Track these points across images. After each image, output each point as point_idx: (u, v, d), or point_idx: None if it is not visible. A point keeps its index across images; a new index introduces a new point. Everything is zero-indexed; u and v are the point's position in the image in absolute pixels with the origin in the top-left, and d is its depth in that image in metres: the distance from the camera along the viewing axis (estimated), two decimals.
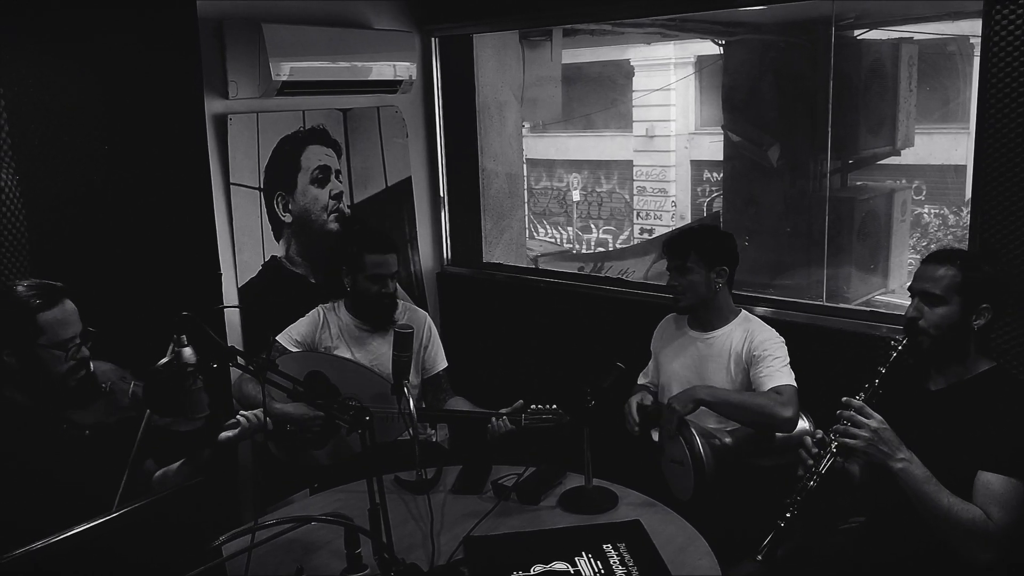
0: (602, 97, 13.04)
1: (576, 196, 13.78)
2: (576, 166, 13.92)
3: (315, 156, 3.55)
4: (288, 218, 3.49)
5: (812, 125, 5.28)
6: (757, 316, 2.83)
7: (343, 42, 3.44)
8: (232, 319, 3.33)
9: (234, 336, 3.32)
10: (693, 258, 2.70)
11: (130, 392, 2.12)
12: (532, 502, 2.36)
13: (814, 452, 2.04)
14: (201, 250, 3.03)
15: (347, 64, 3.44)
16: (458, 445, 3.40)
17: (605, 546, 2.08)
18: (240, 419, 2.26)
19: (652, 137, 13.15)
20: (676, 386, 2.74)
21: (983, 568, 1.90)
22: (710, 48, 8.07)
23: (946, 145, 9.37)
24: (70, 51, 2.63)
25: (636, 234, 13.10)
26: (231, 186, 3.28)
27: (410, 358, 2.37)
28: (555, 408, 2.53)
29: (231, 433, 2.24)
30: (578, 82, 11.39)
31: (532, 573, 1.99)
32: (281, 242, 3.48)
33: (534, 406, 2.54)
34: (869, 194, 5.63)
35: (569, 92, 7.00)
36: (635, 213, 13.57)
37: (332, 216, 3.63)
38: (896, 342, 2.09)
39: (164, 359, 1.90)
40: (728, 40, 5.69)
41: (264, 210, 3.41)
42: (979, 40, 2.43)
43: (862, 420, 1.96)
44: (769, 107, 5.40)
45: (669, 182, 13.22)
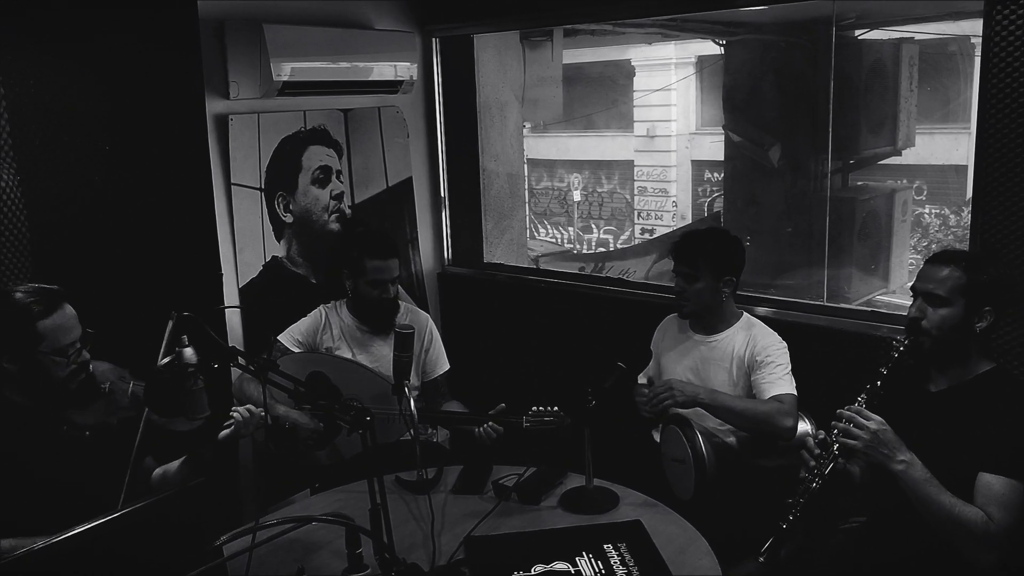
0: (603, 97, 13.03)
1: (577, 196, 13.77)
2: (577, 166, 13.91)
3: (316, 156, 3.55)
4: (289, 218, 3.49)
5: (813, 125, 5.27)
6: (758, 317, 2.83)
7: (344, 42, 3.44)
8: (233, 319, 3.33)
9: (235, 336, 3.33)
10: (702, 268, 2.68)
11: (130, 392, 2.11)
12: (533, 502, 2.36)
13: (816, 453, 2.04)
14: (202, 250, 3.03)
15: (348, 64, 3.44)
16: (459, 445, 3.39)
17: (606, 546, 2.08)
18: (235, 415, 2.26)
19: (653, 137, 13.14)
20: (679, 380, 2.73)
21: (984, 569, 1.90)
22: (711, 48, 8.07)
23: (947, 145, 9.37)
24: (71, 51, 2.63)
25: (637, 234, 13.10)
26: (232, 186, 3.28)
27: (411, 358, 2.36)
28: (556, 410, 2.52)
29: (228, 431, 2.24)
30: (579, 82, 11.38)
31: (533, 573, 1.99)
32: (282, 242, 3.49)
33: (536, 408, 2.54)
34: (870, 194, 5.61)
35: (570, 92, 6.99)
36: (636, 213, 13.56)
37: (333, 216, 3.63)
38: (898, 342, 2.09)
39: (165, 359, 1.90)
40: (729, 40, 5.68)
41: (265, 210, 3.41)
42: (980, 40, 2.43)
43: (862, 422, 1.96)
44: (770, 107, 5.40)
45: (670, 182, 13.21)
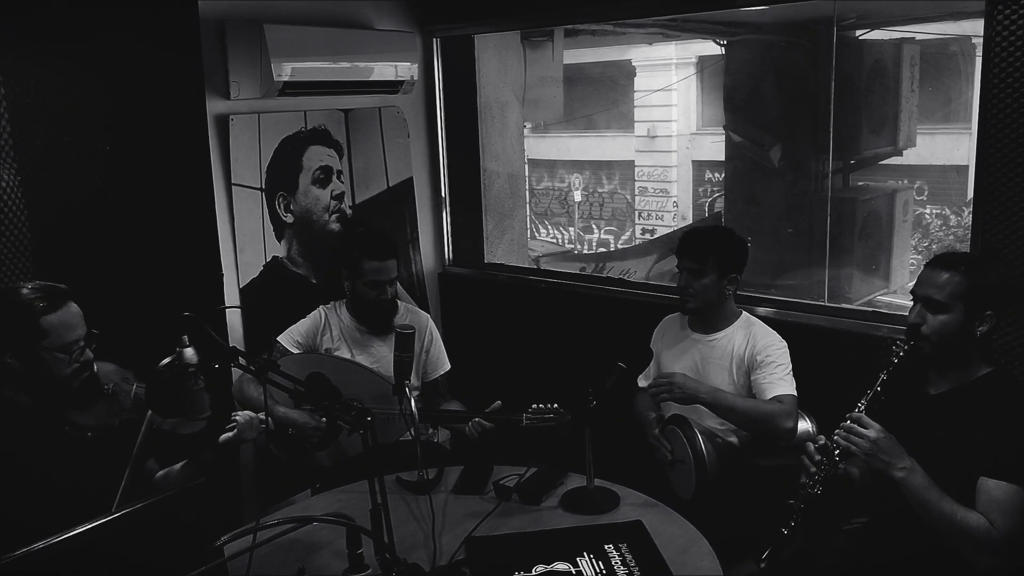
0: (604, 97, 13.03)
1: (578, 196, 13.78)
2: (578, 166, 13.91)
3: (317, 156, 3.55)
4: (289, 218, 3.49)
5: (814, 125, 5.27)
6: (759, 317, 2.83)
7: (345, 42, 3.44)
8: (233, 319, 3.33)
9: (235, 337, 3.33)
10: (710, 263, 2.68)
11: (132, 393, 2.11)
12: (534, 502, 2.36)
13: (816, 459, 2.03)
14: (202, 250, 3.03)
15: (349, 64, 3.44)
16: (459, 446, 3.39)
17: (607, 546, 2.08)
18: (237, 418, 2.26)
19: (654, 137, 13.14)
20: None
21: (986, 573, 1.89)
22: (712, 48, 8.08)
23: (948, 145, 9.37)
24: (72, 51, 2.63)
25: (638, 234, 13.11)
26: (233, 186, 3.28)
27: (411, 358, 2.36)
28: (556, 407, 2.53)
29: (230, 435, 2.24)
30: (579, 82, 11.38)
31: (534, 573, 1.99)
32: (283, 242, 3.49)
33: (536, 405, 2.54)
34: (871, 194, 5.62)
35: (570, 92, 6.98)
36: (637, 213, 13.57)
37: (334, 216, 3.63)
38: (897, 347, 2.08)
39: (166, 359, 1.90)
40: (730, 40, 5.69)
41: (265, 210, 3.41)
42: (981, 40, 2.43)
43: (861, 430, 1.96)
44: (771, 107, 5.40)
45: (671, 182, 13.22)
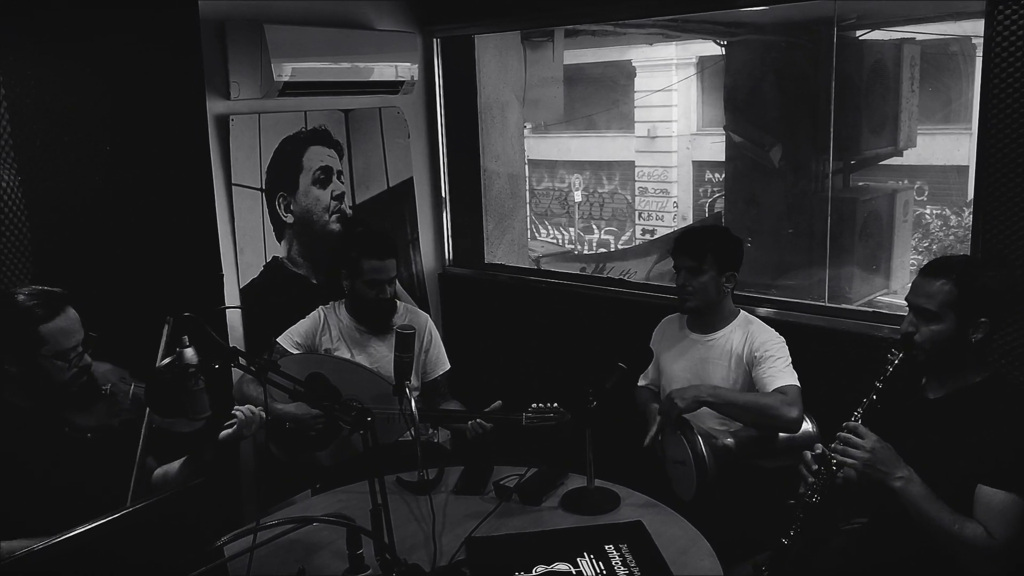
0: (604, 98, 13.03)
1: (578, 197, 13.78)
2: (578, 167, 13.91)
3: (317, 157, 3.55)
4: (290, 219, 3.49)
5: (814, 125, 5.27)
6: (759, 317, 2.83)
7: (345, 43, 3.44)
8: (234, 320, 3.33)
9: (236, 337, 3.33)
10: (709, 261, 2.68)
11: (131, 394, 2.11)
12: (534, 503, 2.36)
13: (814, 468, 2.03)
14: (203, 251, 3.03)
15: (349, 65, 3.44)
16: (460, 446, 3.39)
17: (607, 547, 2.08)
18: (237, 414, 2.26)
19: (654, 138, 13.14)
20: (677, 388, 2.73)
21: None
22: (712, 49, 8.09)
23: (948, 146, 9.37)
24: (72, 51, 2.63)
25: (638, 235, 13.11)
26: (233, 187, 3.28)
27: (412, 358, 2.36)
28: (557, 407, 2.53)
29: (230, 431, 2.24)
30: (580, 83, 11.38)
31: (534, 574, 1.99)
32: (283, 243, 3.48)
33: (536, 405, 2.54)
34: (871, 194, 5.61)
35: (571, 93, 6.98)
36: (637, 214, 13.57)
37: (334, 217, 3.63)
38: (892, 355, 2.06)
39: (166, 359, 1.90)
40: (730, 41, 5.69)
41: (266, 211, 3.41)
42: (981, 40, 2.42)
43: (858, 441, 1.95)
44: (771, 107, 5.40)
45: (671, 183, 13.22)
